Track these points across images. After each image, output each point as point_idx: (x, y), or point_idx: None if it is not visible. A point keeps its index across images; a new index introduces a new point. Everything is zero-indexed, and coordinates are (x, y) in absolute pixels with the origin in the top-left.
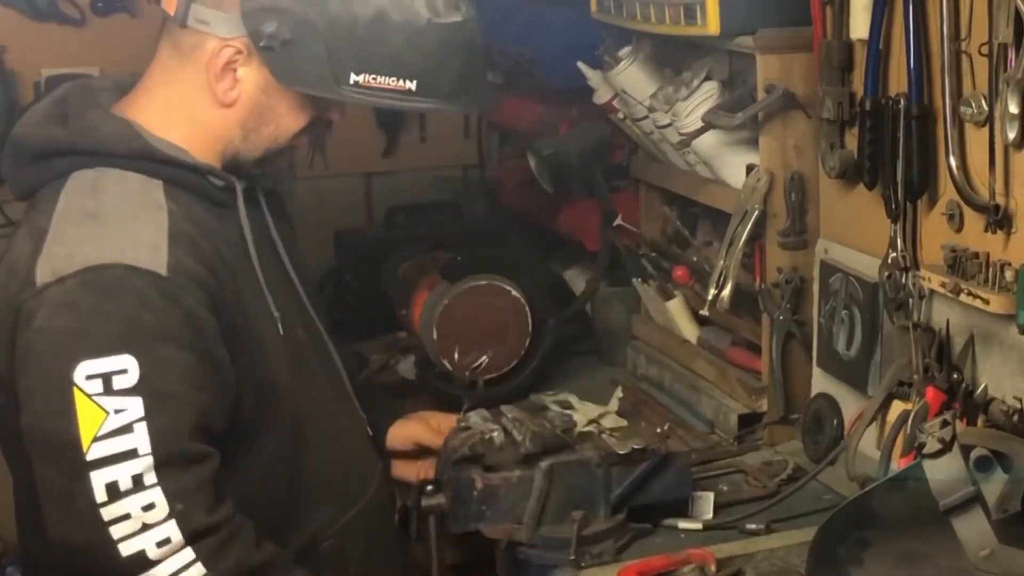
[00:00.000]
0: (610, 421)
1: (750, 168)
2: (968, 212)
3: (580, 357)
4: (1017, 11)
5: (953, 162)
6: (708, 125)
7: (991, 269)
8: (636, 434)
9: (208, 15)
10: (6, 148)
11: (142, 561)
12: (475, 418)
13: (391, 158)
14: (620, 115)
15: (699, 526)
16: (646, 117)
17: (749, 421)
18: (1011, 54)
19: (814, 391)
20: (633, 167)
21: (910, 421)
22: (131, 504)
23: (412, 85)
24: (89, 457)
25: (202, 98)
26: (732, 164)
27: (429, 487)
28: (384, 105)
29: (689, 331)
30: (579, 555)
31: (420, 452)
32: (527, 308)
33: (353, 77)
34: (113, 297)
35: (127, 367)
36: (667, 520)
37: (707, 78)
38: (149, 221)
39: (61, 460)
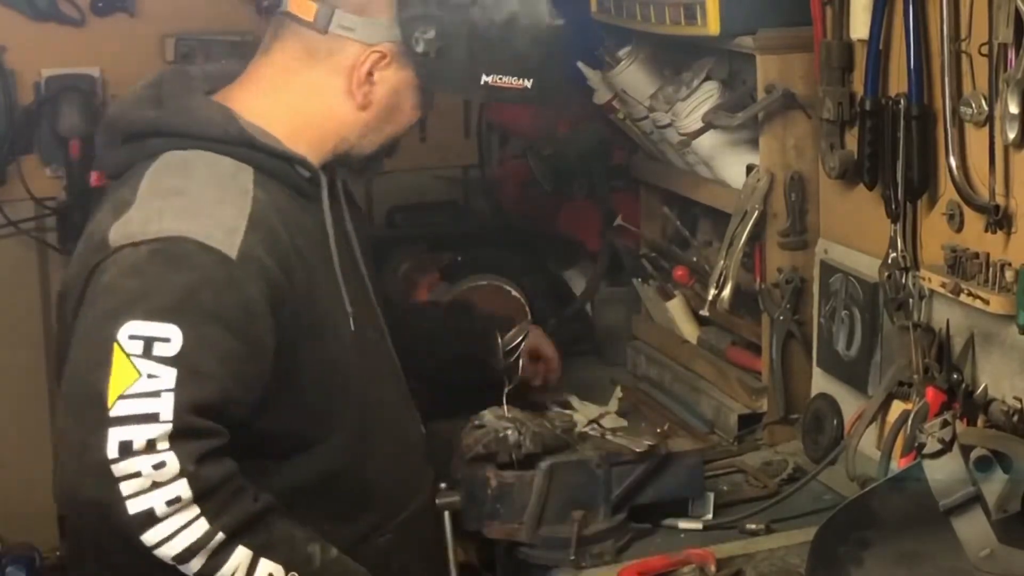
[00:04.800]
0: (610, 421)
1: (750, 168)
2: (968, 212)
3: (580, 357)
4: (1017, 11)
5: (953, 162)
6: (708, 125)
7: (991, 269)
8: (636, 434)
9: (353, 21)
10: (100, 128)
11: (149, 518)
12: (489, 416)
13: (391, 158)
14: (620, 115)
15: (699, 526)
16: (646, 117)
17: (749, 421)
18: (1011, 54)
19: (814, 391)
20: (633, 167)
21: (910, 421)
22: (142, 463)
23: (528, 83)
24: (112, 413)
25: (329, 99)
26: (732, 164)
27: (443, 485)
28: (503, 101)
29: (689, 331)
30: (579, 555)
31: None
32: (527, 308)
33: (484, 78)
34: (179, 268)
35: (171, 336)
36: (667, 520)
37: (707, 78)
38: (232, 204)
39: (85, 411)
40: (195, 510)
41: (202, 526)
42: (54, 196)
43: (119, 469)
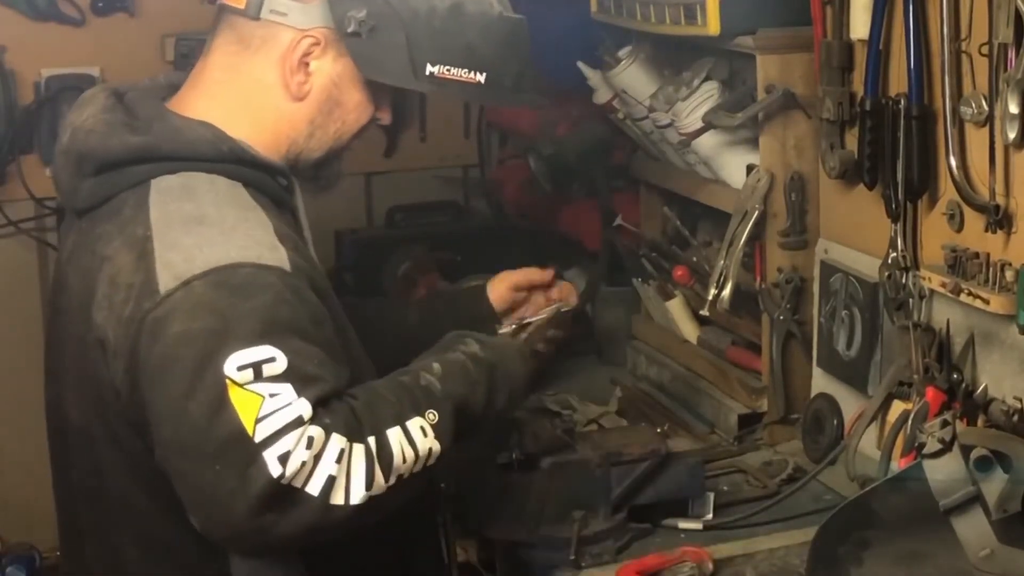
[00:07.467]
0: (610, 421)
1: (750, 168)
2: (968, 212)
3: (580, 357)
4: (1017, 11)
5: (953, 162)
6: (708, 125)
7: (991, 269)
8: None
9: (286, 6)
10: (61, 162)
11: (330, 484)
12: None
13: (391, 158)
14: (620, 115)
15: (699, 526)
16: (646, 117)
17: (749, 421)
18: (1011, 54)
19: (814, 391)
20: (633, 167)
21: (910, 421)
22: (299, 456)
23: (482, 78)
24: (257, 439)
25: (270, 94)
26: (732, 164)
27: (443, 485)
28: (454, 98)
29: (689, 331)
30: (579, 555)
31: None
32: None
33: (429, 68)
34: (248, 294)
35: (274, 356)
36: (667, 520)
37: (707, 78)
38: (254, 222)
39: (228, 454)
40: (359, 448)
41: (360, 451)
42: (54, 196)
43: (287, 476)
